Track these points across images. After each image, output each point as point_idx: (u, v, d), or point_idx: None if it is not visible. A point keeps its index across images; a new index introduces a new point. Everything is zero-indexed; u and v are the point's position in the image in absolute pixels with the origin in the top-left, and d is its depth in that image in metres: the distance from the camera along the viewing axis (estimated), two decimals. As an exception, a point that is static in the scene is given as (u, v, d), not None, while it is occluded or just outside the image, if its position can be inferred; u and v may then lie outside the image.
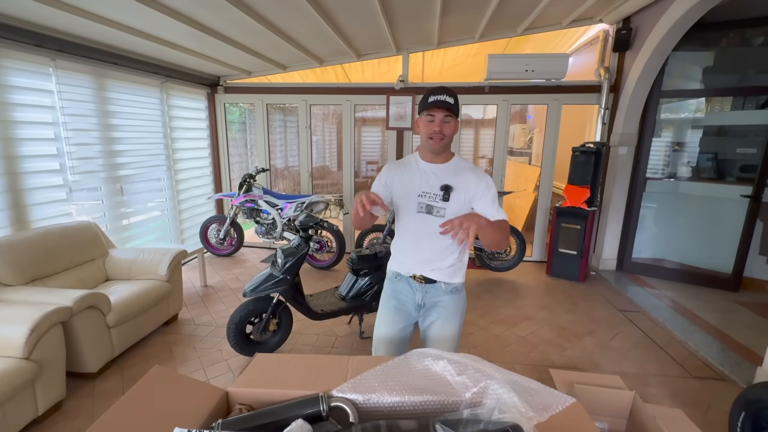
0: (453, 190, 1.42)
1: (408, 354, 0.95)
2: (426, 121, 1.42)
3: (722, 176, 3.91)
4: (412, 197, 1.47)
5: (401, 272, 1.57)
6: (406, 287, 1.57)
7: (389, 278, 1.64)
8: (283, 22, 3.22)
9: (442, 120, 1.40)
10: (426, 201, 1.46)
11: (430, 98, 1.38)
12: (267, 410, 0.76)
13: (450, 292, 1.53)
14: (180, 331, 2.94)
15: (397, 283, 1.59)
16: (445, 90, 1.39)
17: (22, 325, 1.84)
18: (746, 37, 3.65)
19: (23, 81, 2.70)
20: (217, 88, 4.82)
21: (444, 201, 1.43)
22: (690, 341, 2.83)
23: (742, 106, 3.77)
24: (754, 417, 1.65)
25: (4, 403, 1.71)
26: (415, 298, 1.55)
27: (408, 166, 1.53)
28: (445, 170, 1.48)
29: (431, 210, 1.45)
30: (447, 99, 1.37)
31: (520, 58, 4.19)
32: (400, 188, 1.51)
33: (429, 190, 1.46)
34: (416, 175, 1.49)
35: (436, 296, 1.53)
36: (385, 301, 1.63)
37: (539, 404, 0.75)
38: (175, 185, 4.32)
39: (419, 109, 1.46)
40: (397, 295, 1.59)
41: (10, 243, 2.36)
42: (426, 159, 1.51)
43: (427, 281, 1.52)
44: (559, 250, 4.13)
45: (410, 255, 1.53)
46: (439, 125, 1.40)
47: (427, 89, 1.42)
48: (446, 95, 1.37)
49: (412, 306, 1.57)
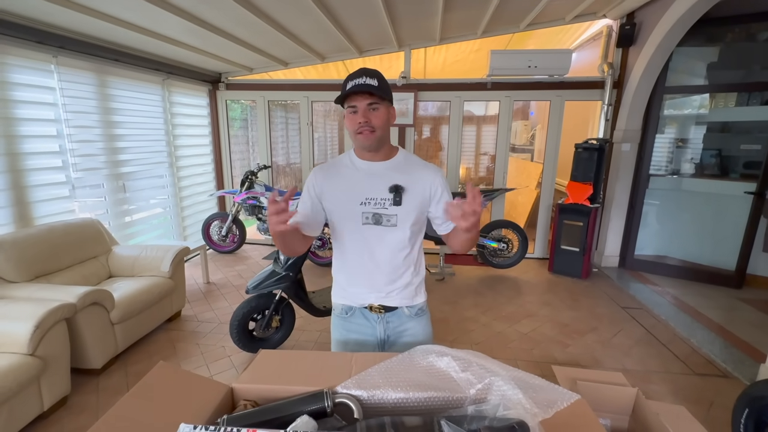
0: (405, 191, 1.16)
1: (412, 350, 0.95)
2: (349, 114, 1.13)
3: (726, 173, 3.88)
4: (353, 207, 1.17)
5: (352, 304, 1.26)
6: (362, 322, 1.26)
7: (337, 315, 1.31)
8: (284, 18, 3.21)
9: (366, 109, 1.10)
10: (372, 209, 1.16)
11: (348, 84, 1.09)
12: (272, 406, 0.77)
13: (415, 316, 1.26)
14: (183, 328, 2.95)
15: (350, 320, 1.27)
16: (365, 71, 1.10)
17: (26, 322, 1.85)
18: (751, 32, 3.61)
19: (25, 78, 2.70)
20: (218, 85, 4.81)
21: (395, 206, 1.16)
22: (693, 338, 2.83)
23: (746, 102, 3.74)
24: (757, 414, 1.64)
25: (10, 399, 1.73)
26: (377, 333, 1.25)
27: (341, 169, 1.22)
28: (392, 167, 1.19)
29: (380, 219, 1.17)
30: (368, 81, 1.07)
31: (522, 54, 4.16)
32: (335, 199, 1.19)
33: (374, 194, 1.17)
34: (355, 178, 1.19)
35: (400, 325, 1.26)
36: (340, 346, 1.30)
37: (544, 401, 0.75)
38: (177, 182, 4.32)
39: (339, 101, 1.15)
40: (353, 333, 1.27)
41: (14, 240, 2.37)
42: (364, 157, 1.20)
43: (386, 309, 1.24)
44: (561, 247, 4.12)
45: (361, 280, 1.23)
46: (364, 115, 1.10)
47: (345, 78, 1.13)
48: (366, 77, 1.08)
49: (374, 343, 1.27)
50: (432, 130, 5.70)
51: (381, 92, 1.09)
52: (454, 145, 4.61)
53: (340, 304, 1.29)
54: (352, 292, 1.26)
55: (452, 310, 3.29)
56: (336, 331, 1.32)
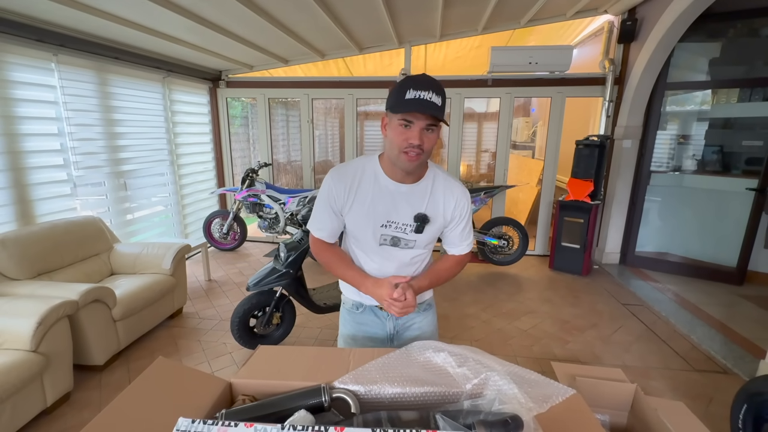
0: (429, 222, 1.12)
1: (409, 346, 0.95)
2: (399, 125, 0.98)
3: (728, 169, 3.87)
4: (373, 228, 1.12)
5: (363, 302, 1.27)
6: (372, 319, 1.28)
7: (348, 309, 1.32)
8: (284, 15, 3.20)
9: (423, 129, 0.97)
10: (392, 232, 1.13)
11: (409, 94, 0.93)
12: (270, 401, 0.77)
13: (423, 311, 1.30)
14: (184, 325, 2.96)
15: (360, 315, 1.29)
16: (432, 83, 0.94)
17: (29, 319, 1.87)
18: (754, 28, 3.59)
19: (25, 76, 2.70)
20: (219, 83, 4.81)
21: (416, 233, 1.12)
22: (693, 335, 2.83)
23: (748, 97, 3.72)
24: (756, 410, 1.65)
25: (13, 395, 1.74)
26: (386, 329, 1.28)
27: (363, 183, 1.11)
28: (420, 193, 1.12)
29: (398, 242, 1.14)
30: (434, 99, 0.93)
31: (523, 51, 4.15)
32: (355, 215, 1.12)
33: (398, 219, 1.11)
34: (378, 197, 1.10)
35: (409, 320, 1.29)
36: (349, 340, 1.31)
37: (539, 395, 0.76)
38: (178, 180, 4.33)
39: (389, 104, 1.01)
40: (363, 327, 1.29)
41: (17, 238, 2.39)
42: (393, 176, 1.10)
43: None
44: (562, 244, 4.12)
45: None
46: (419, 137, 0.97)
47: (403, 79, 0.97)
48: (433, 92, 0.93)
49: (383, 338, 1.29)
50: (433, 127, 5.68)
51: (442, 114, 0.96)
52: (455, 143, 4.60)
53: (351, 300, 1.30)
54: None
55: (453, 307, 3.30)
56: (345, 326, 1.32)
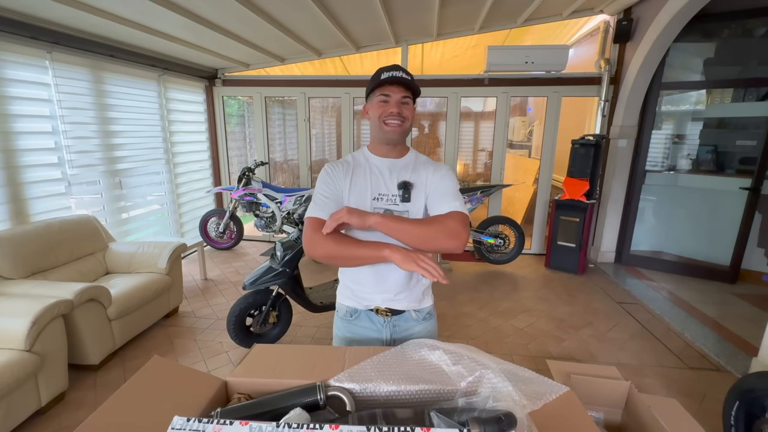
0: (413, 188, 1.16)
1: (404, 344, 0.96)
2: (378, 102, 1.13)
3: (722, 168, 3.90)
4: (365, 204, 1.16)
5: (357, 307, 1.22)
6: (367, 325, 1.23)
7: (341, 316, 1.27)
8: (280, 14, 3.19)
9: (400, 101, 1.12)
10: (383, 205, 1.16)
11: (383, 75, 1.11)
12: (265, 399, 0.78)
13: (423, 320, 1.24)
14: (180, 324, 2.96)
15: (354, 322, 1.24)
16: (400, 67, 1.13)
17: (23, 318, 1.86)
18: (748, 28, 3.62)
19: (19, 74, 2.68)
20: (215, 81, 4.79)
21: (404, 202, 1.16)
22: (687, 333, 2.86)
23: (742, 97, 3.74)
24: (747, 406, 1.67)
25: (7, 395, 1.73)
26: (382, 336, 1.22)
27: (358, 166, 1.21)
28: (403, 166, 1.21)
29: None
30: (404, 76, 1.11)
31: (519, 50, 4.16)
32: (355, 194, 1.18)
33: (386, 191, 1.17)
34: (368, 173, 1.19)
35: (407, 328, 1.23)
36: (343, 344, 1.27)
37: (533, 393, 0.76)
38: (174, 179, 4.31)
39: (368, 90, 1.18)
40: (357, 336, 1.25)
41: (11, 237, 2.37)
42: (378, 153, 1.21)
43: (393, 313, 1.20)
44: (557, 243, 4.14)
45: (369, 281, 1.19)
46: (397, 106, 1.11)
47: (377, 69, 1.16)
48: (402, 72, 1.11)
49: (380, 344, 1.23)
50: (430, 126, 5.70)
51: (414, 88, 1.13)
52: (452, 142, 4.61)
53: (345, 306, 1.25)
54: (359, 292, 1.21)
55: (449, 306, 3.31)
56: (340, 335, 1.29)
